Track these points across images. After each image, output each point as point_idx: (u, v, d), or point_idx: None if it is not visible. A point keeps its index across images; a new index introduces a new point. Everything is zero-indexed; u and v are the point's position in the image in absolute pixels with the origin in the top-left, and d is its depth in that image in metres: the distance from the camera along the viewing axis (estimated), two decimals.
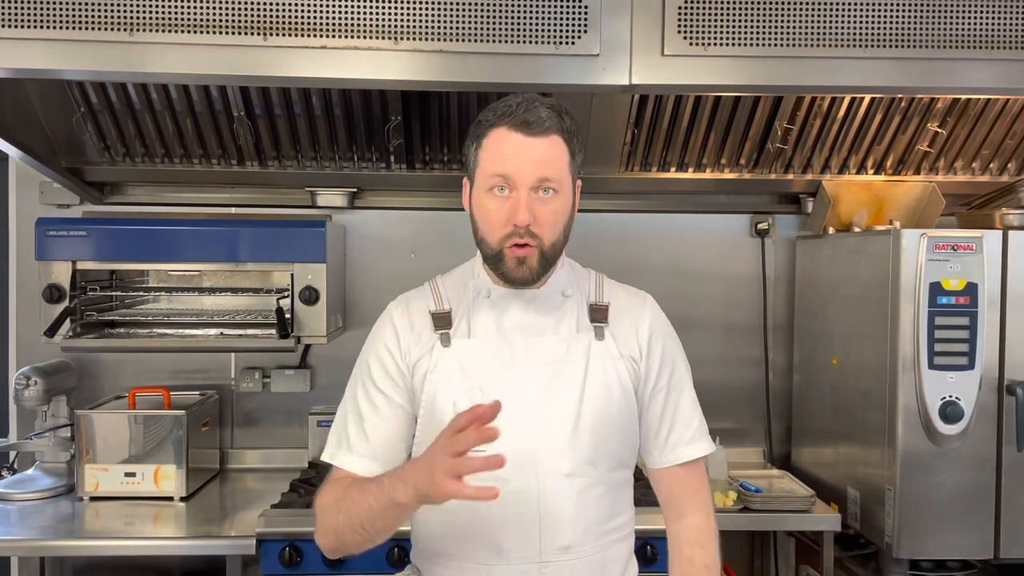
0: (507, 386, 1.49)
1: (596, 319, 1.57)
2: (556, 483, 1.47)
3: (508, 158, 1.44)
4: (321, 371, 3.19)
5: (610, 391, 1.53)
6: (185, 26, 2.15)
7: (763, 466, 3.15)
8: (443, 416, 1.46)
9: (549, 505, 1.47)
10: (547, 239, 1.47)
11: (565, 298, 1.58)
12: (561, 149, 1.47)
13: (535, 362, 1.52)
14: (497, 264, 1.50)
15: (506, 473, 1.30)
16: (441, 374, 1.52)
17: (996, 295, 2.42)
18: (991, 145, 3.01)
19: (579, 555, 1.49)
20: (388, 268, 3.17)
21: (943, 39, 2.27)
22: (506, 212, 1.45)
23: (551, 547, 1.47)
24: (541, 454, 1.47)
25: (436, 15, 2.18)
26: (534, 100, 1.46)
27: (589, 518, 1.50)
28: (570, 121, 1.50)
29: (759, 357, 3.25)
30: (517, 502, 1.46)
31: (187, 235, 2.76)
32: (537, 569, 1.47)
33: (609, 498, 1.53)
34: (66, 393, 2.93)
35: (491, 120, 1.48)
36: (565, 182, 1.48)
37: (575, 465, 1.48)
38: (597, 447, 1.51)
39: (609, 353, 1.55)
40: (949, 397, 2.39)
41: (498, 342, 1.53)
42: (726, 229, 3.25)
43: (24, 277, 3.05)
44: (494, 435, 1.26)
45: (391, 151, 2.94)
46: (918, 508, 2.42)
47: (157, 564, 2.94)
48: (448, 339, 1.54)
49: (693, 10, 2.24)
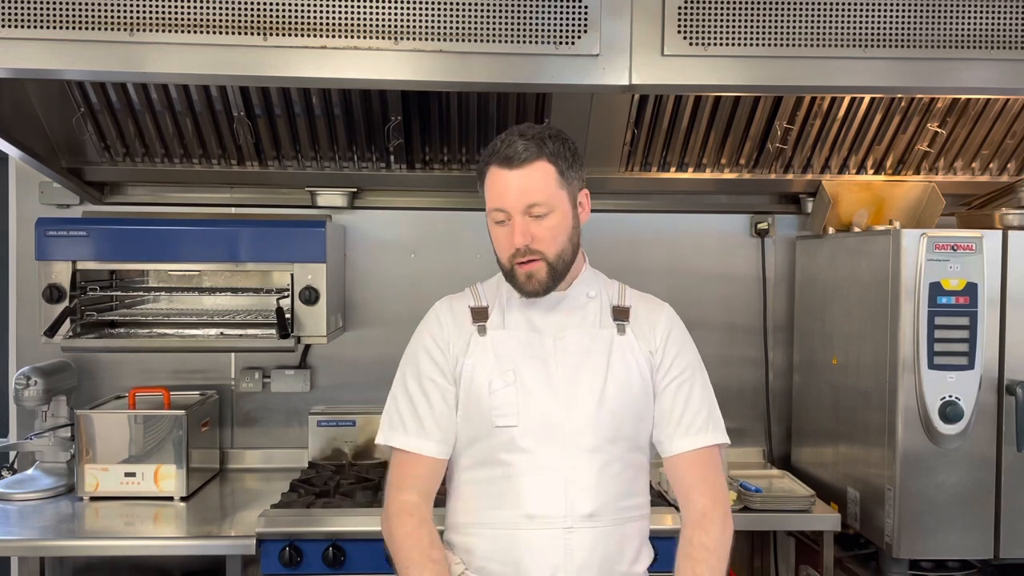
0: (537, 371, 1.68)
1: (618, 318, 1.75)
2: (580, 456, 1.64)
3: (500, 193, 1.65)
4: (321, 371, 3.19)
5: (630, 377, 1.70)
6: (185, 26, 2.15)
7: (763, 466, 3.15)
8: (480, 395, 1.68)
9: (574, 476, 1.63)
10: (550, 252, 1.66)
11: (589, 299, 1.76)
12: (545, 171, 1.65)
13: (563, 351, 1.70)
14: (511, 280, 1.71)
15: (536, 447, 1.61)
16: (478, 359, 1.71)
17: (996, 295, 2.42)
18: (991, 145, 3.01)
19: (600, 523, 1.64)
20: (388, 268, 3.17)
21: (943, 39, 2.28)
22: (509, 238, 1.66)
23: (576, 514, 1.62)
24: (568, 430, 1.64)
25: (436, 15, 2.18)
26: (516, 135, 1.66)
27: (609, 491, 1.65)
28: (555, 144, 1.66)
29: (759, 357, 3.25)
30: (545, 473, 1.63)
31: (187, 235, 2.76)
32: (563, 535, 1.61)
33: (627, 476, 1.69)
34: (66, 393, 2.93)
35: (486, 160, 1.69)
36: (556, 199, 1.65)
37: (597, 441, 1.65)
38: (618, 427, 1.67)
39: (630, 346, 1.72)
40: (949, 397, 2.39)
41: (528, 334, 1.72)
42: (726, 229, 3.25)
43: (24, 277, 3.06)
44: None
45: (391, 151, 2.94)
46: (918, 508, 2.42)
47: (157, 564, 2.94)
48: (484, 330, 1.73)
49: (693, 10, 2.24)
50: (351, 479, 2.81)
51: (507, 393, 1.65)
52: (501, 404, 1.65)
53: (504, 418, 1.65)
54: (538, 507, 1.62)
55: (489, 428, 1.66)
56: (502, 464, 1.65)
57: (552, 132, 1.68)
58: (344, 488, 2.73)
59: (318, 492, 2.70)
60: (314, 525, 2.47)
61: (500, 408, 1.65)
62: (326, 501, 2.63)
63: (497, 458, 1.65)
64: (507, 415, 1.64)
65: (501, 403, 1.65)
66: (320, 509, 2.56)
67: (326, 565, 2.43)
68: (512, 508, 1.63)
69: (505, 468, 1.64)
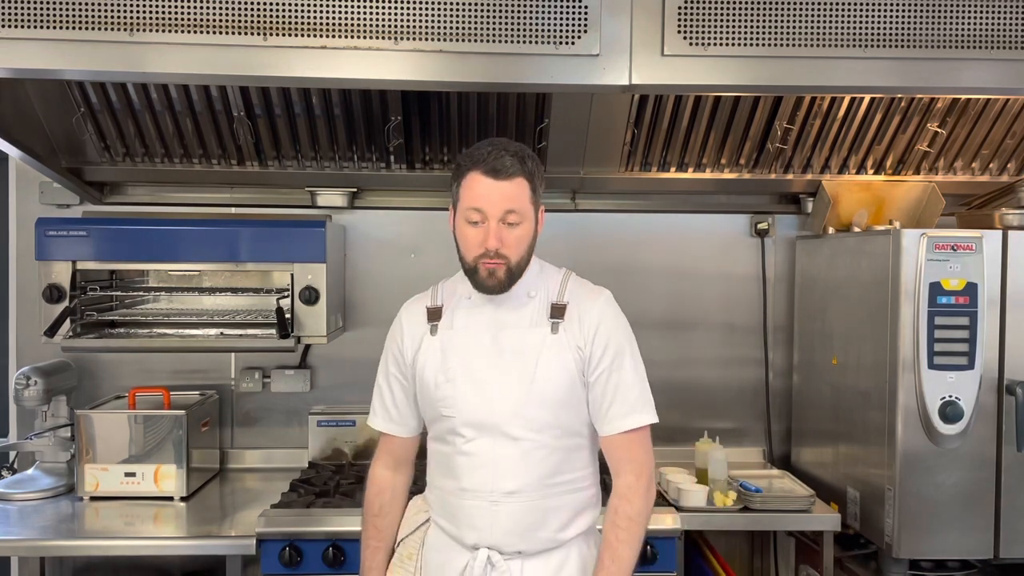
0: (475, 369, 1.89)
1: (554, 316, 1.91)
2: (506, 443, 1.86)
3: (481, 197, 1.82)
4: (321, 371, 3.19)
5: (558, 376, 1.88)
6: (185, 26, 2.15)
7: (763, 466, 3.15)
8: (427, 388, 1.92)
9: (500, 459, 1.86)
10: (513, 258, 1.85)
11: (530, 298, 1.92)
12: (524, 188, 1.84)
13: (499, 351, 1.90)
14: (472, 276, 1.88)
15: (471, 434, 1.87)
16: (428, 356, 1.93)
17: (996, 295, 2.42)
18: (991, 145, 3.01)
19: (521, 500, 1.86)
20: (388, 268, 3.17)
21: (943, 39, 2.28)
22: (480, 238, 1.83)
23: (499, 490, 1.86)
24: (496, 420, 1.86)
25: (436, 15, 2.18)
26: (503, 150, 1.83)
27: (533, 472, 1.87)
28: (532, 164, 1.86)
29: (759, 357, 3.25)
30: (477, 454, 1.87)
31: (187, 235, 2.76)
32: (489, 506, 1.86)
33: (556, 459, 1.89)
34: (66, 393, 2.93)
35: (468, 165, 1.84)
36: (527, 212, 1.85)
37: (523, 432, 1.86)
38: (545, 419, 1.87)
39: (560, 344, 1.89)
40: (949, 397, 2.39)
41: (475, 334, 1.91)
42: (726, 229, 3.25)
43: (24, 277, 3.06)
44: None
45: (391, 151, 2.94)
46: (918, 508, 2.43)
47: (157, 564, 2.94)
48: (436, 330, 1.95)
49: (693, 10, 2.24)
50: (351, 479, 2.80)
51: (448, 388, 1.89)
52: (443, 397, 1.89)
53: (447, 409, 1.89)
54: (469, 482, 1.87)
55: (438, 415, 1.91)
56: (447, 443, 1.91)
57: (529, 153, 1.88)
58: (344, 488, 2.74)
59: (318, 492, 2.71)
60: (314, 525, 2.48)
61: (442, 401, 1.89)
62: (326, 501, 2.63)
63: (445, 438, 1.92)
64: (448, 407, 1.89)
65: (443, 396, 1.89)
66: (320, 509, 2.57)
67: (326, 565, 2.43)
68: (453, 480, 1.90)
69: (449, 447, 1.90)
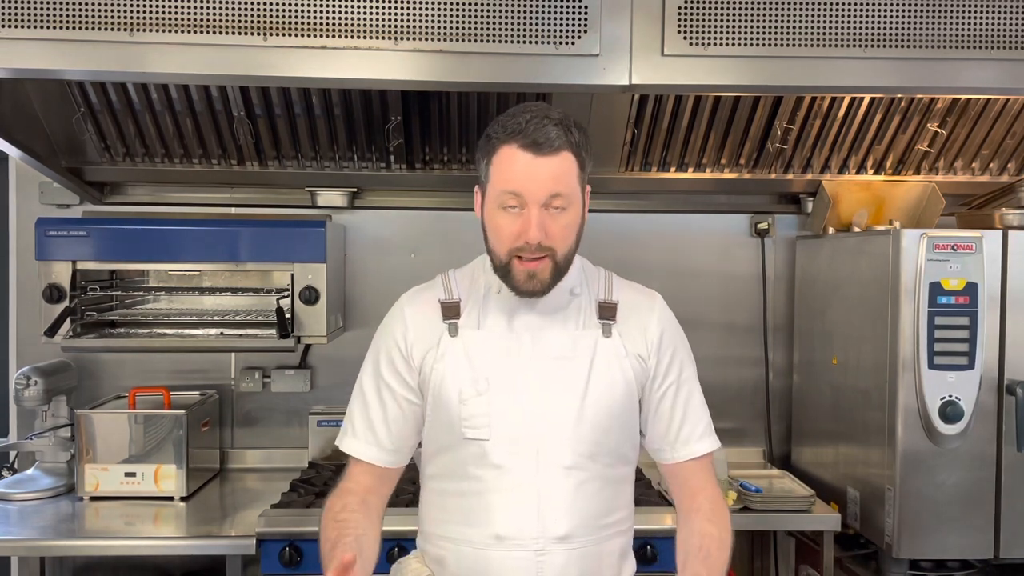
0: (513, 379, 1.53)
1: (604, 316, 1.59)
2: (556, 475, 1.51)
3: (519, 177, 1.46)
4: (321, 371, 3.19)
5: (614, 388, 1.56)
6: (185, 26, 2.15)
7: (763, 466, 3.15)
8: (449, 404, 1.53)
9: (548, 496, 1.50)
10: (560, 250, 1.50)
11: (573, 296, 1.60)
12: (570, 164, 1.49)
13: (541, 356, 1.55)
14: (505, 276, 1.53)
15: (508, 462, 1.47)
16: (448, 363, 1.55)
17: (996, 295, 2.42)
18: (991, 145, 3.01)
19: (576, 546, 1.51)
20: (388, 268, 3.17)
21: (943, 39, 2.27)
22: (517, 228, 1.48)
23: (548, 536, 1.50)
24: (543, 446, 1.51)
25: (436, 15, 2.18)
26: (544, 117, 1.47)
27: (587, 511, 1.53)
28: (579, 134, 1.51)
29: (759, 357, 3.25)
30: (517, 491, 1.50)
31: (187, 235, 2.76)
32: (533, 557, 1.49)
33: (608, 493, 1.57)
34: (66, 393, 2.92)
35: (501, 137, 1.49)
36: (575, 195, 1.51)
37: (575, 459, 1.52)
38: (598, 442, 1.54)
39: (615, 350, 1.58)
40: (949, 397, 2.39)
41: (506, 335, 1.56)
42: (726, 229, 3.25)
43: (24, 277, 3.05)
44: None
45: (391, 151, 2.94)
46: (918, 508, 2.42)
47: (157, 564, 2.94)
48: (456, 329, 1.58)
49: (693, 10, 2.24)
50: None
51: (479, 403, 1.51)
52: (472, 415, 1.51)
53: (475, 430, 1.51)
54: (508, 528, 1.50)
55: (459, 439, 1.53)
56: (471, 479, 1.52)
57: (575, 120, 1.52)
58: None
59: (318, 492, 2.70)
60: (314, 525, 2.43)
61: (471, 419, 1.51)
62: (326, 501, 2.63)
63: (466, 472, 1.53)
64: (478, 427, 1.51)
65: (472, 414, 1.52)
66: (320, 509, 2.55)
67: None
68: (481, 527, 1.51)
69: (474, 483, 1.52)
